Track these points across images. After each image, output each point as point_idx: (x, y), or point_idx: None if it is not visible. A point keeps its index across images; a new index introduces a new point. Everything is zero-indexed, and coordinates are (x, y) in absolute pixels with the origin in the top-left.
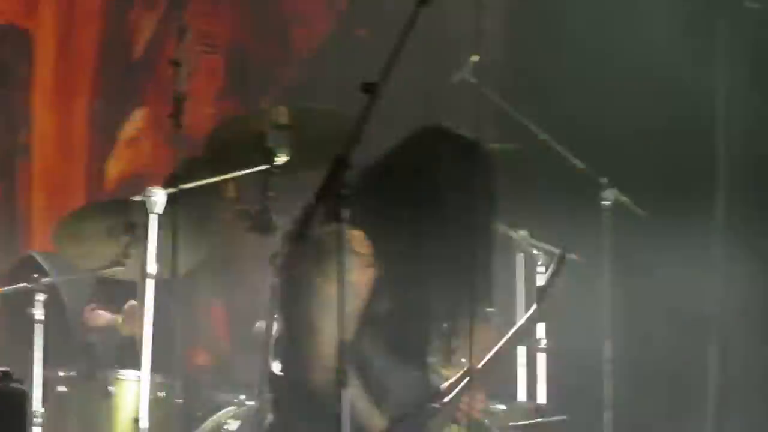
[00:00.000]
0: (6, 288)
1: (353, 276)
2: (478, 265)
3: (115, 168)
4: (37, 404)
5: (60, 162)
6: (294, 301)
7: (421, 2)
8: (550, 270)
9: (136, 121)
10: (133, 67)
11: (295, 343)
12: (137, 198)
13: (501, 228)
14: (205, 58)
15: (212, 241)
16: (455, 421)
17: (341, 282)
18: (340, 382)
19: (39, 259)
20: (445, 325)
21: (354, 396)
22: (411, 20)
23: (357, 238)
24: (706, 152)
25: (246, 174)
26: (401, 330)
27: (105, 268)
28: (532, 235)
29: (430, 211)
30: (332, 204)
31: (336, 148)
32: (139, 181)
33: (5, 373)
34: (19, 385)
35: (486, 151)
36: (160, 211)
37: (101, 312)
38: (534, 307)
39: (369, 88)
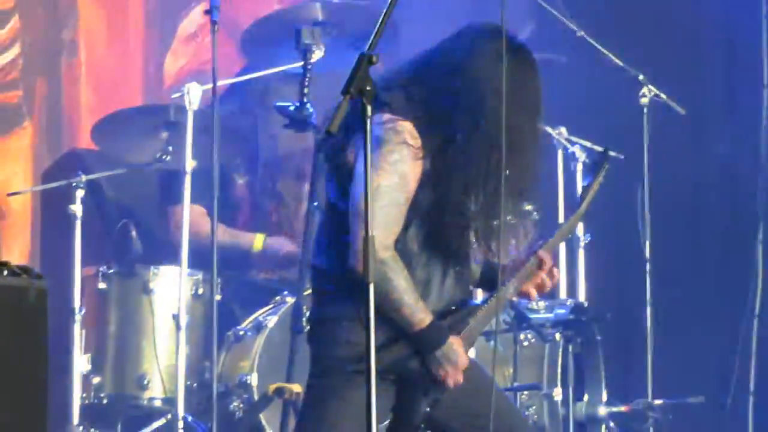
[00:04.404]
0: (46, 185)
1: (404, 167)
2: (521, 164)
3: (174, 65)
4: (76, 301)
5: (111, 58)
6: (341, 192)
7: None
8: (593, 170)
9: (195, 16)
10: None
11: (340, 234)
12: (176, 95)
13: (542, 127)
14: None
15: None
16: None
17: (369, 171)
18: (367, 277)
19: (82, 154)
20: (495, 223)
21: (401, 289)
22: None
23: (408, 130)
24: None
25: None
26: (443, 226)
27: (149, 165)
28: (569, 132)
29: (473, 109)
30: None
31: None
32: (201, 78)
33: (24, 269)
34: (40, 282)
35: (529, 51)
36: (196, 107)
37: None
38: (577, 205)
39: None
